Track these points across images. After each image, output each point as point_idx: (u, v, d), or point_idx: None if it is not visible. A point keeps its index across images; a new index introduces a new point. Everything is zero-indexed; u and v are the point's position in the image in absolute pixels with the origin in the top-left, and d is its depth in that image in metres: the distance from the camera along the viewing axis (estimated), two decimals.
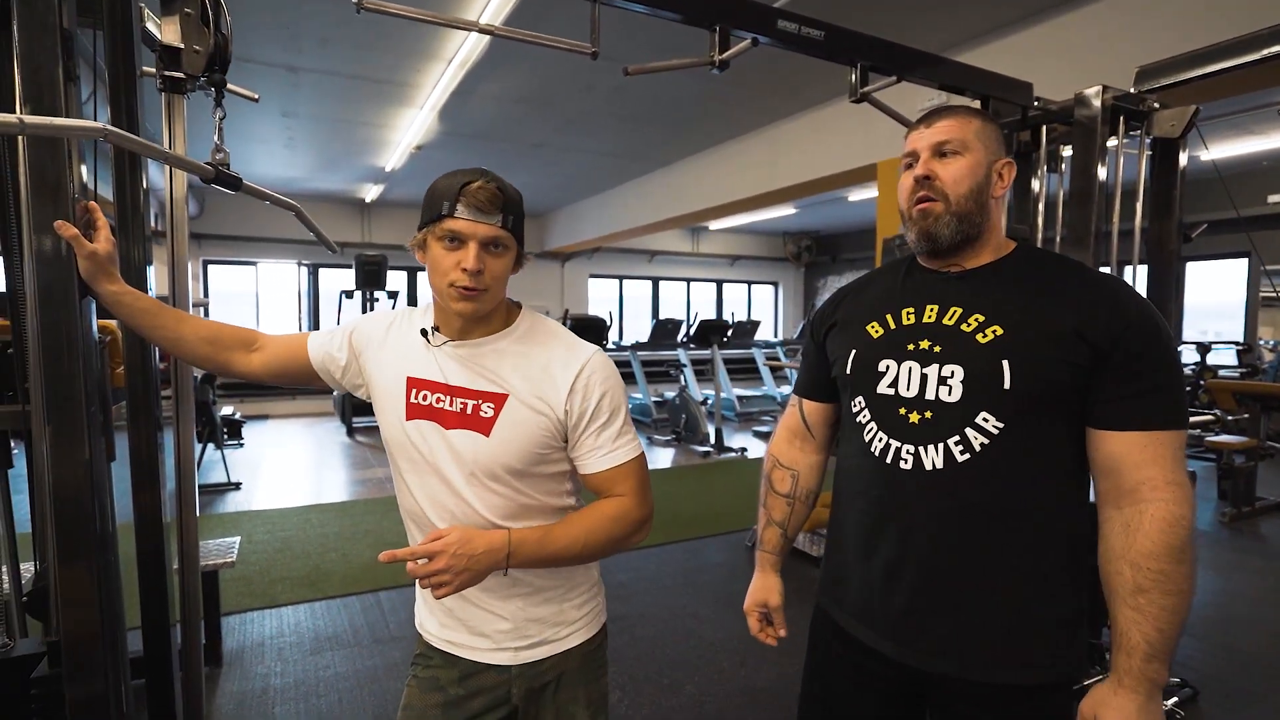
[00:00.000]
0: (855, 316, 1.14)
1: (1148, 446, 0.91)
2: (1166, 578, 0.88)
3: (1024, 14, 3.92)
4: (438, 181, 1.03)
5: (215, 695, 2.55)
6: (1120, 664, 0.91)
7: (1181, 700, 2.44)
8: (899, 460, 1.01)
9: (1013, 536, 0.97)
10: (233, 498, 5.32)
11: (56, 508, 1.13)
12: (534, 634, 1.13)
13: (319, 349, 1.20)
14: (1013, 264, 1.05)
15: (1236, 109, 5.09)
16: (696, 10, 1.86)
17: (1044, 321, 0.95)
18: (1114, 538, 0.93)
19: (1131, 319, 0.93)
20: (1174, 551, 0.88)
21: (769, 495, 1.30)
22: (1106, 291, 0.96)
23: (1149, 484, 0.90)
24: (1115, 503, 0.94)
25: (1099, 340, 0.92)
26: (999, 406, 0.95)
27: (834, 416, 1.24)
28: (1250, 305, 8.11)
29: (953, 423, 0.98)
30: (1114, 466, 0.93)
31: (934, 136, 1.04)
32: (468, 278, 1.00)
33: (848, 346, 1.12)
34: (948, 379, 0.99)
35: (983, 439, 0.96)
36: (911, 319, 1.06)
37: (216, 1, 1.39)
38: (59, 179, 1.10)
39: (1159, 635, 0.88)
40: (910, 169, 1.07)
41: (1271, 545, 4.30)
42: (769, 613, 1.27)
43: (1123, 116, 2.43)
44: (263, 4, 3.74)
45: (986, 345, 0.97)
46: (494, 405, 1.06)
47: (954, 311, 1.02)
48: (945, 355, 1.00)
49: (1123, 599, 0.91)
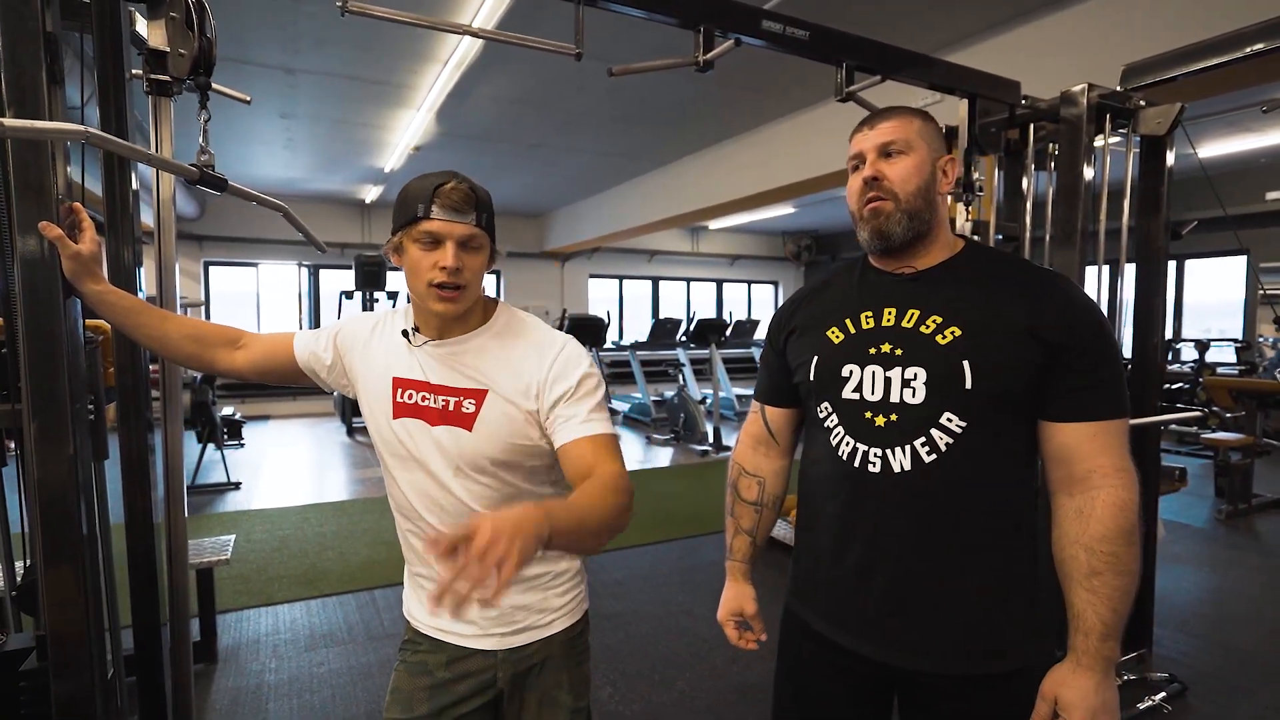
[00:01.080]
0: (814, 322, 1.15)
1: (1097, 436, 0.95)
2: (1118, 559, 0.93)
3: (1015, 13, 3.92)
4: (409, 185, 1.06)
5: (210, 691, 2.58)
6: (1078, 644, 0.94)
7: (1170, 695, 2.45)
8: (867, 464, 1.03)
9: (980, 532, 1.00)
10: (232, 497, 5.35)
11: (41, 506, 1.15)
12: (519, 620, 1.17)
13: (304, 348, 1.23)
14: (963, 263, 1.07)
15: (1231, 106, 5.08)
16: (681, 11, 1.87)
17: (999, 321, 0.98)
18: (1068, 523, 0.97)
19: (1077, 316, 0.97)
20: (1124, 534, 0.93)
21: (736, 504, 1.30)
22: (1053, 290, 1.00)
23: (1099, 471, 0.95)
24: (1067, 490, 0.98)
25: (1049, 338, 0.95)
26: (962, 406, 0.98)
27: (797, 421, 1.25)
28: (1249, 303, 8.10)
29: (917, 424, 1.00)
30: (1066, 456, 0.97)
31: (879, 138, 1.05)
32: (447, 275, 1.03)
33: (809, 353, 1.13)
34: (910, 381, 1.01)
35: (947, 439, 0.98)
36: (871, 323, 1.07)
37: (202, 5, 1.40)
38: (42, 180, 1.11)
39: (1113, 615, 0.92)
40: (858, 170, 1.08)
41: (1267, 542, 4.31)
42: (745, 620, 1.28)
43: (1109, 114, 2.44)
44: (259, 6, 3.76)
45: (946, 346, 1.00)
46: (475, 401, 1.10)
47: (912, 314, 1.04)
48: (907, 358, 1.02)
49: (1078, 581, 0.95)
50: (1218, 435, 5.05)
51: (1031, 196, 2.64)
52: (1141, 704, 2.41)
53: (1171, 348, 8.23)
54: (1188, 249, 8.17)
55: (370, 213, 10.37)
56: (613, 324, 9.40)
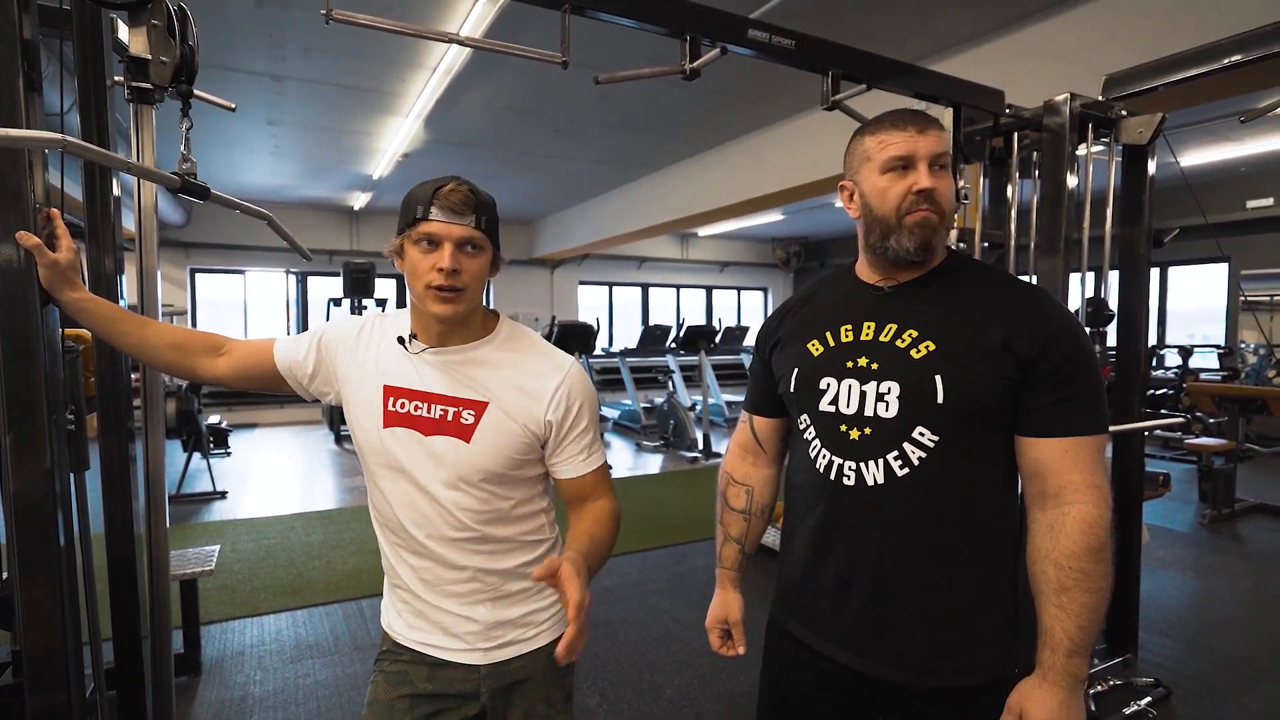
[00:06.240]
0: (798, 334, 1.15)
1: (1068, 451, 0.95)
2: (1087, 576, 0.92)
3: (999, 23, 3.97)
4: (412, 189, 1.06)
5: (193, 704, 2.54)
6: (1045, 659, 0.94)
7: (1155, 700, 2.46)
8: (842, 476, 1.03)
9: (955, 545, 1.00)
10: (218, 506, 5.29)
11: (17, 518, 1.13)
12: (502, 635, 1.16)
13: (285, 355, 1.20)
14: (941, 276, 1.07)
15: (1213, 115, 5.15)
16: (668, 20, 1.88)
17: (973, 335, 0.99)
18: (1039, 538, 0.97)
19: (1054, 330, 0.96)
20: (1093, 551, 0.92)
21: (725, 512, 1.30)
22: (1029, 303, 1.00)
23: (1070, 487, 0.94)
24: (1040, 505, 0.98)
25: (1025, 352, 0.95)
26: (933, 420, 0.98)
27: (784, 431, 1.25)
28: (1231, 309, 8.20)
29: (890, 438, 1.00)
30: (1039, 471, 0.97)
31: (932, 147, 1.02)
32: (444, 277, 1.02)
33: (791, 364, 1.13)
34: (885, 395, 1.01)
35: (920, 453, 0.99)
36: (850, 336, 1.08)
37: (184, 13, 1.40)
38: (19, 188, 1.10)
39: (1079, 631, 0.92)
40: (897, 173, 1.03)
41: (1250, 546, 4.35)
42: (729, 628, 1.28)
43: (1091, 124, 2.47)
44: (246, 14, 3.75)
45: (920, 360, 1.00)
46: (474, 412, 1.09)
47: (890, 328, 1.05)
48: (882, 372, 1.02)
49: (1048, 597, 0.95)
50: (1201, 440, 5.10)
51: (1016, 204, 2.67)
52: (1127, 709, 2.42)
53: (1155, 354, 8.32)
54: (1171, 256, 8.25)
55: (358, 220, 10.32)
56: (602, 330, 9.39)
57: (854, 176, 1.09)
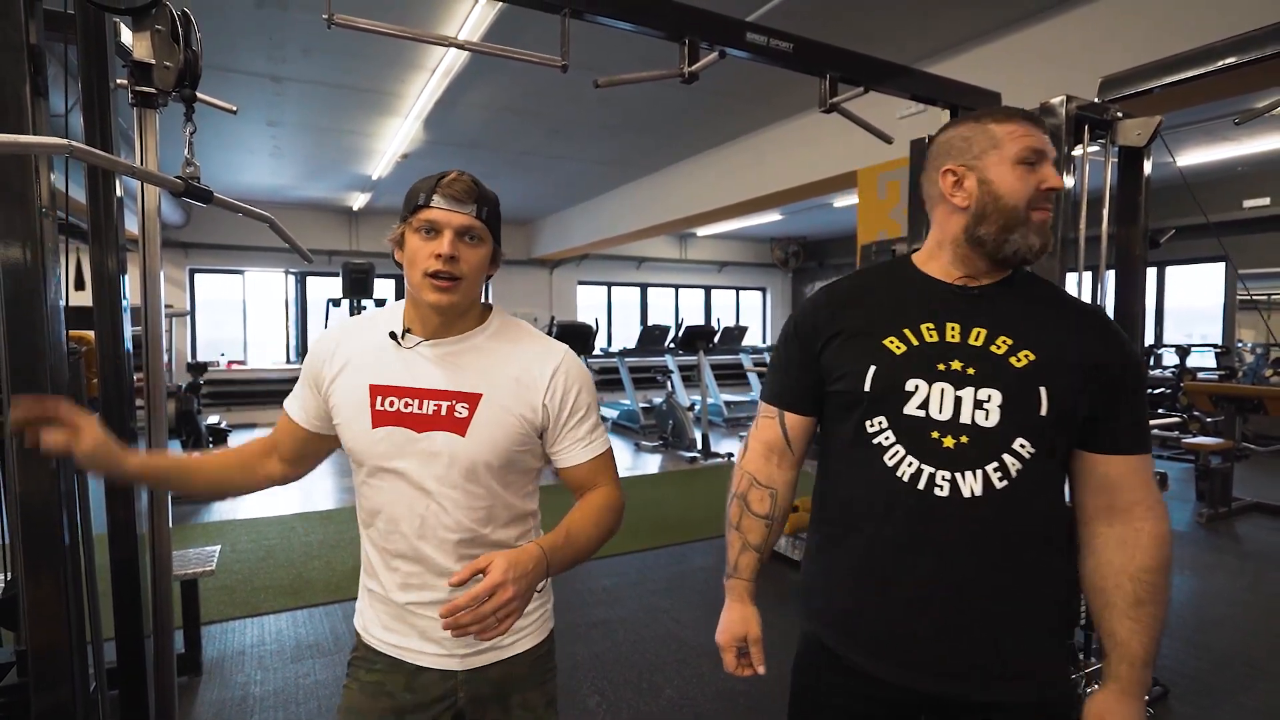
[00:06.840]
0: (866, 328, 1.06)
1: (1140, 470, 0.99)
2: (1160, 590, 0.96)
3: (995, 25, 3.98)
4: (416, 181, 1.07)
5: (194, 704, 2.55)
6: (1122, 673, 0.96)
7: (1152, 698, 2.48)
8: (933, 486, 0.97)
9: (1041, 560, 1.00)
10: (218, 507, 5.29)
11: (22, 518, 1.14)
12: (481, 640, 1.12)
13: (299, 411, 1.17)
14: (1019, 284, 1.05)
15: (1210, 116, 5.17)
16: (666, 24, 1.89)
17: (1066, 350, 0.99)
18: (1110, 552, 0.98)
19: (1128, 352, 1.01)
20: (1166, 565, 0.97)
21: (745, 517, 1.17)
22: (1106, 324, 1.04)
23: (1143, 504, 0.98)
24: (1107, 520, 1.00)
25: (1111, 372, 0.98)
26: (1035, 433, 0.96)
27: (813, 432, 1.17)
28: (1228, 308, 8.22)
29: (991, 448, 0.96)
30: (1109, 486, 1.00)
31: (1051, 150, 0.99)
32: (442, 263, 1.02)
33: (863, 361, 1.03)
34: (984, 403, 0.97)
35: (1018, 464, 0.96)
36: (935, 336, 1.02)
37: (188, 18, 1.41)
38: (25, 190, 1.11)
39: (1154, 644, 0.96)
40: (1028, 166, 0.99)
41: (1247, 545, 4.37)
42: (746, 646, 1.15)
43: (1087, 125, 2.48)
44: (245, 15, 3.76)
45: (1022, 370, 0.97)
46: (468, 405, 1.07)
47: (978, 332, 1.00)
48: (980, 378, 0.98)
49: (1123, 611, 0.96)
50: (1198, 440, 5.11)
51: None
52: None
53: (1153, 353, 8.34)
54: (1169, 255, 8.28)
55: (358, 220, 10.33)
56: (601, 331, 9.40)
57: (972, 161, 1.01)
